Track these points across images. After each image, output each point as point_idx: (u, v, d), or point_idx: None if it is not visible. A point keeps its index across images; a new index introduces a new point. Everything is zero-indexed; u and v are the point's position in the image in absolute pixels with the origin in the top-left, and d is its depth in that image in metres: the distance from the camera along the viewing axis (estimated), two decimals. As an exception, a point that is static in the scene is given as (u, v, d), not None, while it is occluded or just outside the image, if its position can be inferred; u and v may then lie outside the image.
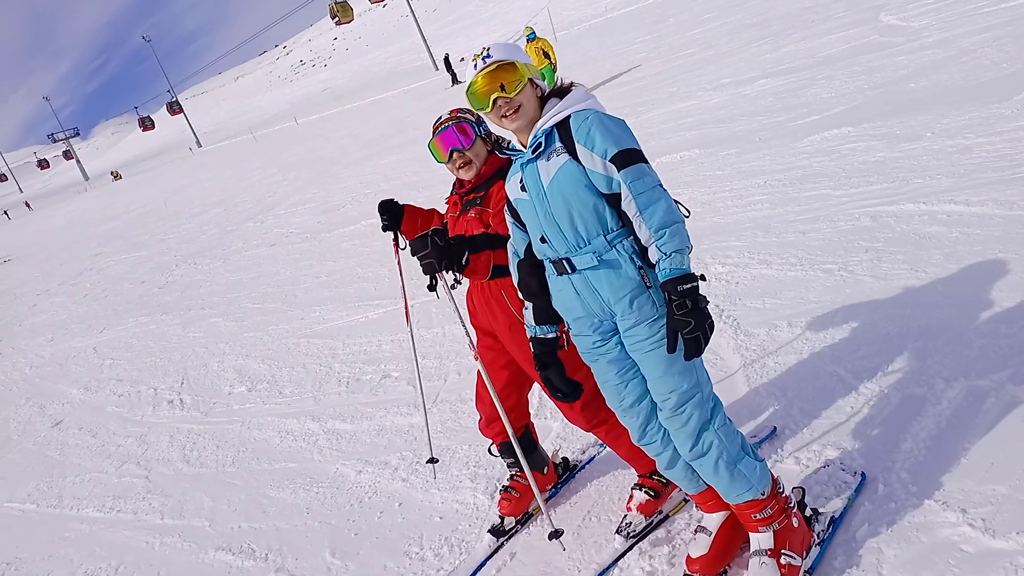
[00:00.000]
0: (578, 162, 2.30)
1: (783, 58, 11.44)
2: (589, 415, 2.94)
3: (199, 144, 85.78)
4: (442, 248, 2.56)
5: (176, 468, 4.96)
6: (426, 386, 4.87)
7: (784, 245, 5.01)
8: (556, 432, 3.85)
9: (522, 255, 2.58)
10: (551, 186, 2.34)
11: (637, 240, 2.30)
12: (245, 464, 4.70)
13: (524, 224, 2.51)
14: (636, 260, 2.32)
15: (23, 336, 11.03)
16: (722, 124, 8.92)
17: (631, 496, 2.97)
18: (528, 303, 2.61)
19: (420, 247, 2.59)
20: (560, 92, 2.43)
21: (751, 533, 2.49)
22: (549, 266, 2.47)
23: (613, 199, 2.30)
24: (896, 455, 2.82)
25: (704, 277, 2.30)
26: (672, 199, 2.28)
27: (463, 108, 2.92)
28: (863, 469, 2.84)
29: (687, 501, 2.99)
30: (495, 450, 3.34)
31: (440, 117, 2.94)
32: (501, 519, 3.23)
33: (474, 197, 2.90)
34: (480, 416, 3.25)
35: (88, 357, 8.55)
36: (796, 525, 2.51)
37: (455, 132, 2.84)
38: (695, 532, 2.65)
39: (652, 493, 2.95)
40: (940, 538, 2.41)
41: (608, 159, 2.25)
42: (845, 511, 2.68)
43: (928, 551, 2.38)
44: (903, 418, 3.01)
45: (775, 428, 3.25)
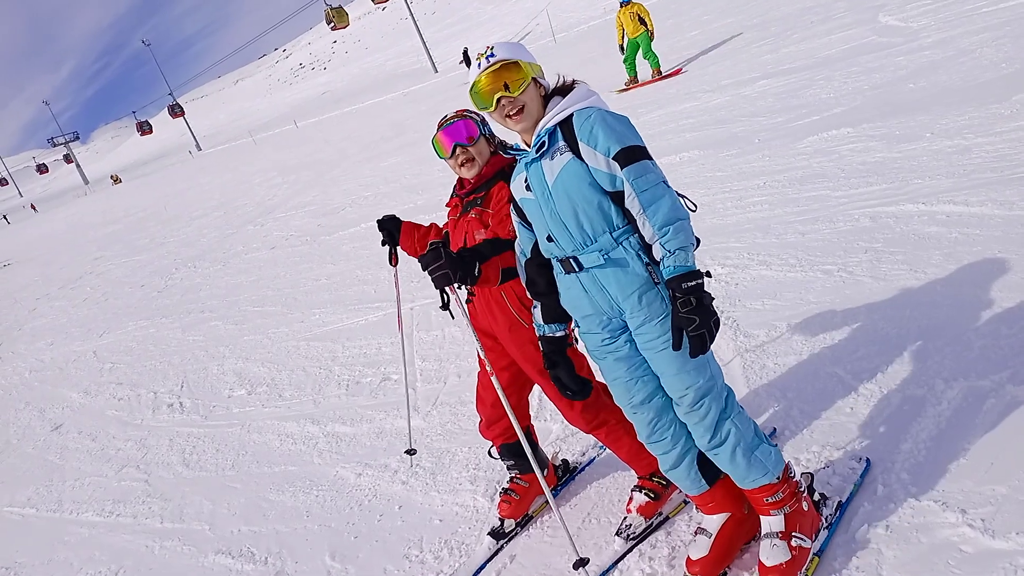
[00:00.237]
0: (582, 160, 2.30)
1: (783, 59, 11.44)
2: (589, 417, 2.94)
3: (199, 148, 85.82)
4: (454, 260, 2.53)
5: (176, 472, 4.96)
6: (426, 389, 4.87)
7: (784, 246, 5.01)
8: (556, 434, 3.85)
9: (529, 254, 2.58)
10: (556, 185, 2.34)
11: (643, 237, 2.30)
12: (245, 467, 4.70)
13: (530, 223, 2.51)
14: (643, 257, 2.32)
15: (23, 340, 11.02)
16: (722, 125, 8.92)
17: (631, 498, 2.97)
18: (536, 302, 2.61)
19: (433, 259, 2.50)
20: (563, 90, 2.43)
21: (762, 516, 2.51)
22: (556, 264, 2.48)
23: (618, 197, 2.30)
24: (896, 455, 2.82)
25: (710, 274, 2.29)
26: (677, 195, 2.28)
27: (469, 108, 2.94)
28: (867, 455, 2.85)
29: (687, 503, 2.99)
30: (495, 452, 3.34)
31: (446, 115, 2.95)
32: (501, 521, 3.23)
33: (475, 198, 2.90)
34: (480, 418, 3.25)
35: (88, 361, 8.55)
36: (806, 509, 2.54)
37: (459, 128, 2.85)
38: (695, 534, 2.65)
39: (652, 495, 2.95)
40: (940, 539, 2.41)
41: (611, 157, 2.25)
42: (852, 496, 2.71)
43: (928, 552, 2.38)
44: (903, 419, 3.01)
45: (775, 429, 3.25)
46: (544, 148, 2.38)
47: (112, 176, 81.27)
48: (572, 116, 2.35)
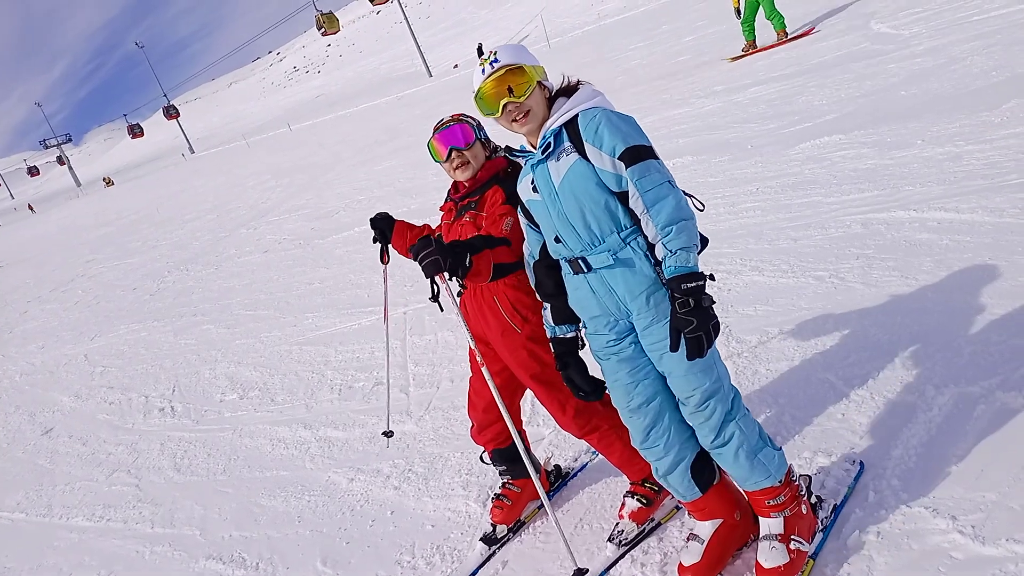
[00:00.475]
0: (588, 161, 2.30)
1: (775, 65, 11.49)
2: (581, 422, 2.94)
3: (192, 150, 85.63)
4: (445, 247, 2.52)
5: (167, 476, 4.94)
6: (419, 393, 4.86)
7: (776, 252, 5.03)
8: (548, 439, 3.84)
9: (537, 256, 2.58)
10: (562, 186, 2.35)
11: (647, 236, 2.30)
12: (236, 472, 4.68)
13: (538, 225, 2.52)
14: (651, 257, 2.33)
15: (14, 343, 10.96)
16: (714, 131, 8.96)
17: (623, 504, 2.97)
18: (546, 304, 2.62)
19: (423, 247, 2.51)
20: (567, 91, 2.43)
21: (762, 518, 2.52)
22: (565, 265, 2.48)
23: (625, 196, 2.30)
24: (887, 462, 2.83)
25: (713, 277, 2.29)
26: (683, 196, 2.27)
27: (464, 112, 2.95)
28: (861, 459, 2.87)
29: (679, 509, 2.99)
30: (487, 458, 3.34)
31: (441, 119, 2.96)
32: (493, 527, 3.22)
33: (469, 202, 2.91)
34: (472, 423, 3.24)
35: (79, 364, 8.51)
36: (805, 512, 2.55)
37: (455, 132, 2.86)
38: (687, 540, 2.65)
39: (644, 501, 2.95)
40: (930, 545, 2.42)
41: (616, 156, 2.25)
42: (846, 499, 2.72)
43: (918, 558, 2.39)
44: (894, 425, 3.02)
45: (767, 435, 3.25)
46: (550, 149, 2.38)
47: (104, 178, 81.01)
48: (577, 117, 2.34)
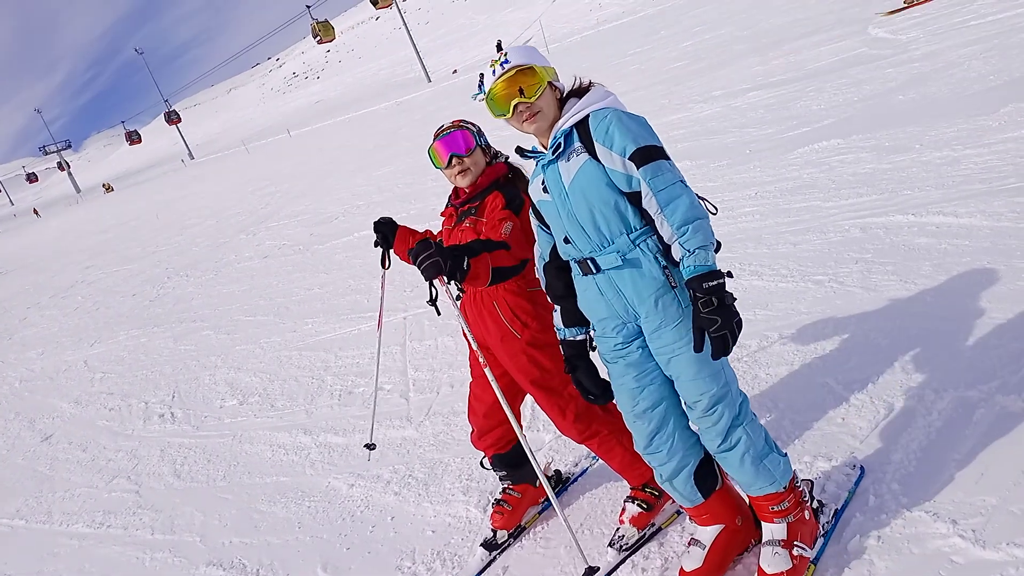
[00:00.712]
0: (598, 161, 2.29)
1: (773, 70, 11.53)
2: (581, 427, 2.94)
3: (191, 156, 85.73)
4: (444, 250, 2.53)
5: (167, 483, 4.93)
6: (419, 399, 4.86)
7: (775, 256, 5.04)
8: (548, 444, 3.84)
9: (548, 258, 2.58)
10: (572, 186, 2.34)
11: (661, 239, 2.29)
12: (236, 478, 4.67)
13: (549, 226, 2.52)
14: (660, 259, 2.31)
15: (13, 350, 10.95)
16: (713, 136, 8.98)
17: (624, 509, 2.97)
18: (556, 306, 2.62)
19: (423, 249, 2.52)
20: (579, 92, 2.43)
21: (765, 523, 2.51)
22: (574, 266, 2.47)
23: (635, 197, 2.28)
24: (887, 466, 2.83)
25: (731, 274, 2.26)
26: (695, 196, 2.26)
27: (465, 119, 2.97)
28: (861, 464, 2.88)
29: (680, 514, 2.99)
30: (487, 463, 3.34)
31: (442, 125, 2.97)
32: (494, 533, 3.22)
33: (469, 207, 2.92)
34: (472, 429, 3.24)
35: (79, 371, 8.50)
36: (807, 518, 2.54)
37: (455, 138, 2.87)
38: (688, 545, 2.64)
39: (645, 506, 2.95)
40: (931, 549, 2.41)
41: (627, 157, 2.24)
42: (846, 503, 2.72)
43: (919, 562, 2.39)
44: (894, 429, 3.02)
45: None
46: (560, 150, 2.37)
47: (104, 185, 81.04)
48: (588, 117, 2.34)
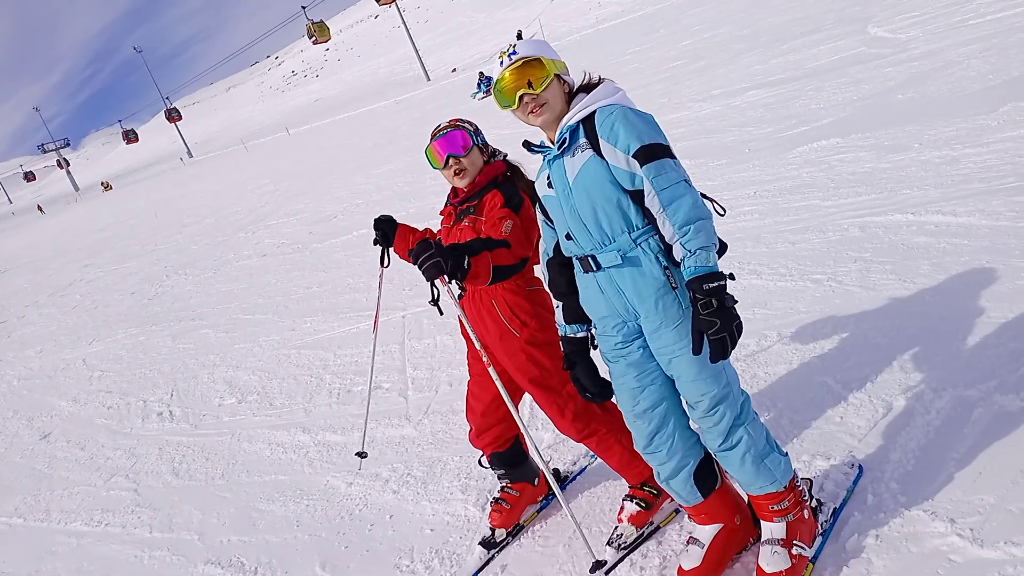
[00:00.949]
0: (602, 158, 2.29)
1: (772, 69, 11.52)
2: (580, 425, 2.94)
3: (190, 155, 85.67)
4: (445, 250, 2.53)
5: (165, 481, 4.93)
6: (417, 397, 4.86)
7: (774, 255, 5.04)
8: (547, 443, 3.84)
9: (551, 253, 2.58)
10: (576, 182, 2.34)
11: (663, 239, 2.28)
12: (235, 477, 4.67)
13: (553, 221, 2.51)
14: (662, 260, 2.31)
15: (12, 348, 10.94)
16: (712, 135, 8.98)
17: (622, 507, 2.97)
18: (558, 302, 2.62)
19: (423, 250, 2.51)
20: (588, 87, 2.42)
21: (764, 522, 2.51)
22: (576, 263, 2.47)
23: (638, 196, 2.27)
24: (885, 465, 2.83)
25: (732, 276, 2.25)
26: (699, 196, 2.25)
27: (461, 118, 2.96)
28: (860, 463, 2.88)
29: (678, 512, 2.99)
30: (485, 461, 3.34)
31: (439, 125, 2.97)
32: (492, 531, 3.22)
33: (468, 207, 2.92)
34: (471, 427, 3.24)
35: (77, 369, 8.49)
36: (807, 517, 2.54)
37: (452, 139, 2.86)
38: (687, 543, 2.64)
39: (643, 504, 2.95)
40: (929, 548, 2.42)
41: (631, 154, 2.22)
42: (845, 502, 2.73)
43: (917, 561, 2.39)
44: (892, 428, 3.02)
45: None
46: (566, 145, 2.37)
47: (103, 183, 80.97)
48: (595, 113, 2.33)
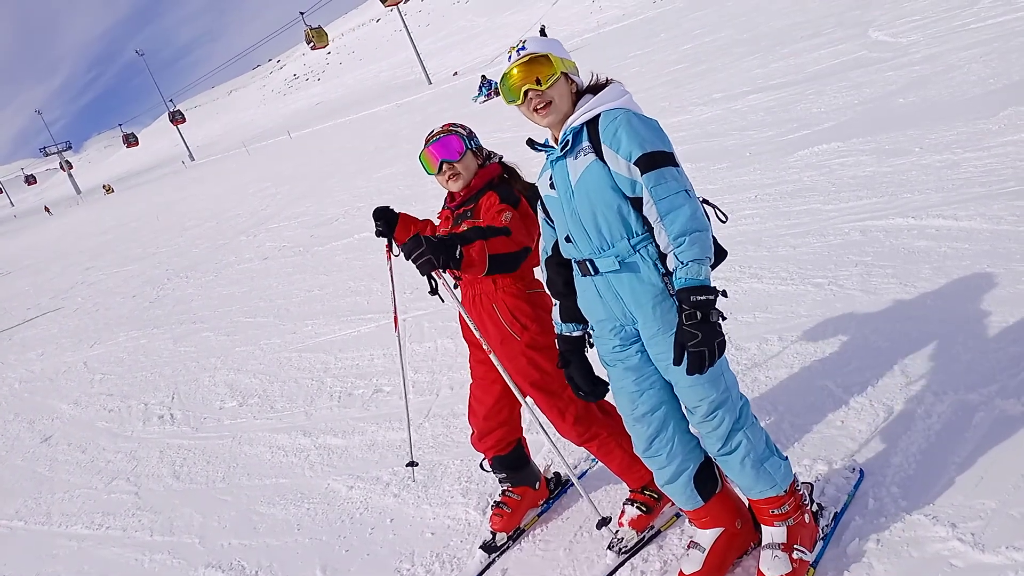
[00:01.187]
0: (604, 163, 2.28)
1: (773, 73, 11.54)
2: (580, 429, 2.94)
3: (192, 158, 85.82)
4: (436, 245, 2.53)
5: (166, 484, 4.93)
6: (418, 401, 4.86)
7: (775, 259, 5.04)
8: (548, 447, 3.84)
9: (550, 252, 2.58)
10: (578, 186, 2.33)
11: (659, 245, 2.28)
12: (236, 480, 4.67)
13: (553, 221, 2.52)
14: (660, 266, 2.30)
15: (13, 351, 10.95)
16: (713, 139, 8.99)
17: (623, 511, 2.97)
18: (556, 301, 2.62)
19: (414, 247, 2.54)
20: (595, 89, 2.41)
21: (764, 526, 2.51)
22: (575, 266, 2.48)
23: (638, 203, 2.27)
24: (886, 469, 2.83)
25: (725, 293, 2.24)
26: (699, 207, 2.24)
27: (455, 122, 2.97)
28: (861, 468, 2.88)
29: (679, 516, 2.99)
30: (487, 465, 3.34)
31: (432, 130, 2.97)
32: (493, 535, 3.22)
33: (465, 210, 2.93)
34: (472, 430, 3.24)
35: (78, 372, 8.50)
36: (807, 521, 2.54)
37: (446, 144, 2.87)
38: (688, 548, 2.64)
39: (644, 508, 2.95)
40: (930, 553, 2.41)
41: (632, 161, 2.21)
42: (846, 507, 2.72)
43: (918, 566, 2.39)
44: (893, 432, 3.02)
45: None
46: (569, 147, 2.36)
47: (104, 186, 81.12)
48: (599, 116, 2.32)
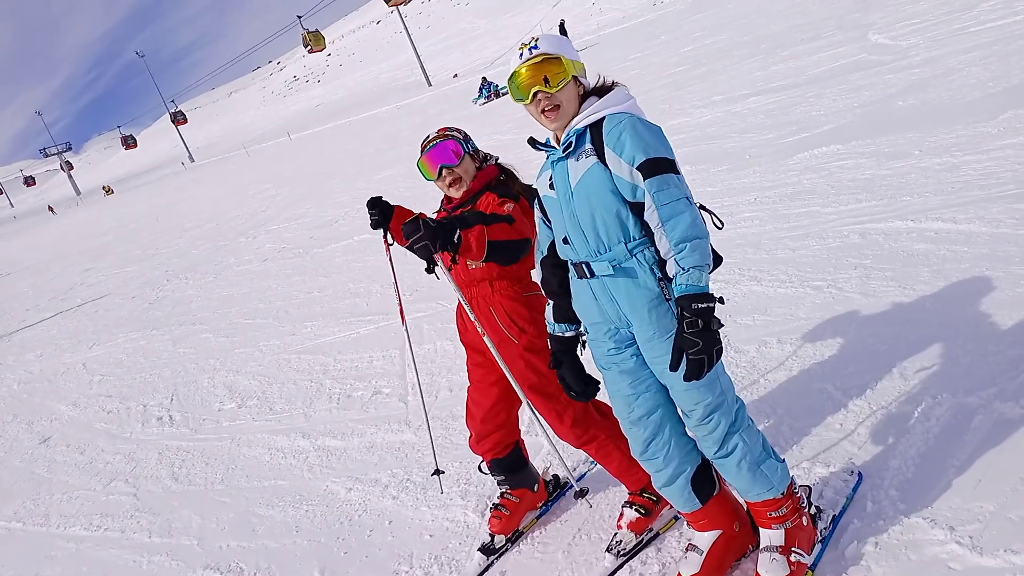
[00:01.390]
0: (606, 166, 2.28)
1: (773, 76, 11.55)
2: (579, 431, 2.94)
3: (192, 159, 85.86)
4: (434, 229, 2.53)
5: (165, 486, 4.92)
6: (417, 403, 4.85)
7: (774, 262, 5.04)
8: (547, 449, 3.83)
9: (546, 252, 2.58)
10: (578, 188, 2.34)
11: (659, 251, 2.29)
12: (234, 482, 4.67)
13: (551, 222, 2.52)
14: (656, 271, 2.31)
15: (12, 352, 10.94)
16: (713, 141, 8.99)
17: (621, 514, 2.97)
18: (549, 301, 2.62)
19: (412, 230, 2.54)
20: (600, 91, 2.41)
21: (762, 529, 2.51)
22: (571, 268, 2.48)
23: (638, 208, 2.27)
24: (885, 472, 2.83)
25: (723, 300, 2.23)
26: (699, 215, 2.25)
27: (451, 126, 2.98)
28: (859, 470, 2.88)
29: (677, 519, 2.99)
30: (485, 467, 3.33)
31: (428, 136, 2.97)
32: (491, 537, 3.22)
33: (462, 212, 2.92)
34: (471, 433, 3.24)
35: (77, 373, 8.49)
36: (805, 524, 2.54)
37: (444, 149, 2.87)
38: (686, 550, 2.64)
39: (642, 511, 2.95)
40: (928, 556, 2.41)
41: (635, 166, 2.22)
42: (844, 509, 2.72)
43: (916, 569, 2.39)
44: (892, 435, 3.02)
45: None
46: (571, 148, 2.36)
47: (104, 187, 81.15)
48: (603, 120, 2.32)
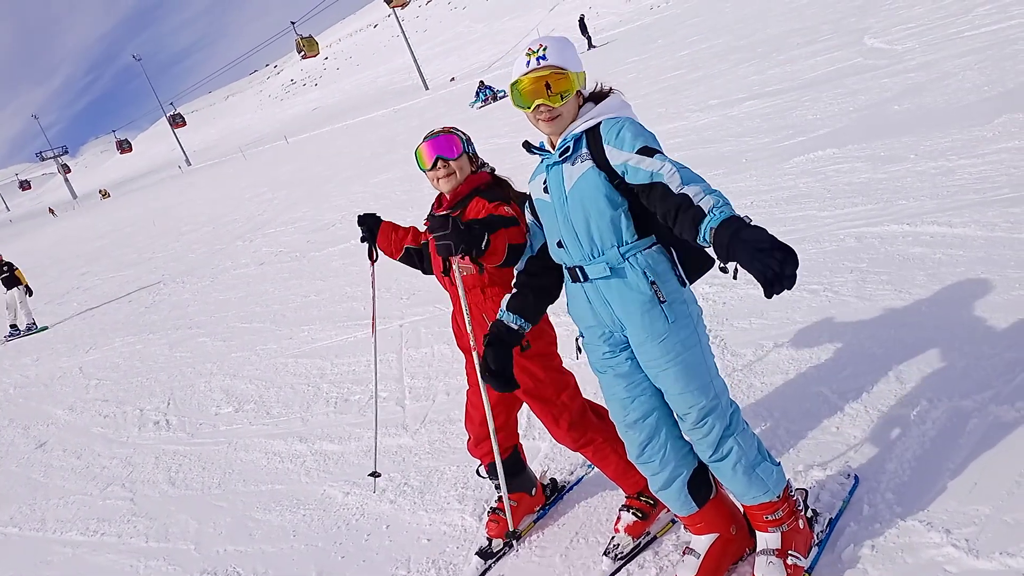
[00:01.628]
0: (601, 170, 2.30)
1: (769, 80, 11.58)
2: (576, 435, 2.95)
3: (188, 163, 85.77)
4: (462, 233, 2.46)
5: (161, 490, 4.91)
6: (415, 406, 4.86)
7: (770, 265, 5.04)
8: (544, 453, 3.84)
9: (534, 251, 2.60)
10: (572, 192, 2.35)
11: (651, 255, 2.32)
12: (231, 486, 4.66)
13: (542, 225, 2.53)
14: (648, 275, 2.33)
15: (8, 356, 10.92)
16: (709, 145, 9.01)
17: (619, 517, 2.97)
18: (513, 288, 2.61)
19: (440, 226, 2.45)
20: (597, 97, 2.44)
21: (759, 532, 2.52)
22: (565, 272, 2.49)
23: (632, 209, 2.29)
24: (881, 475, 2.84)
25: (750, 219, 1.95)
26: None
27: (456, 127, 2.99)
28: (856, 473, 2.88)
29: (675, 522, 2.99)
30: (483, 471, 3.34)
31: (432, 129, 2.99)
32: (489, 541, 3.22)
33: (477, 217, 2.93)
34: (469, 436, 3.25)
35: (73, 377, 8.48)
36: (802, 527, 2.55)
37: (444, 142, 2.88)
38: (683, 554, 2.65)
39: (640, 514, 2.95)
40: (924, 558, 2.42)
41: (635, 151, 2.23)
42: (841, 512, 2.73)
43: (913, 571, 2.39)
44: (888, 438, 3.03)
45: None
46: (567, 153, 2.38)
47: (100, 191, 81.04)
48: (600, 124, 2.34)
